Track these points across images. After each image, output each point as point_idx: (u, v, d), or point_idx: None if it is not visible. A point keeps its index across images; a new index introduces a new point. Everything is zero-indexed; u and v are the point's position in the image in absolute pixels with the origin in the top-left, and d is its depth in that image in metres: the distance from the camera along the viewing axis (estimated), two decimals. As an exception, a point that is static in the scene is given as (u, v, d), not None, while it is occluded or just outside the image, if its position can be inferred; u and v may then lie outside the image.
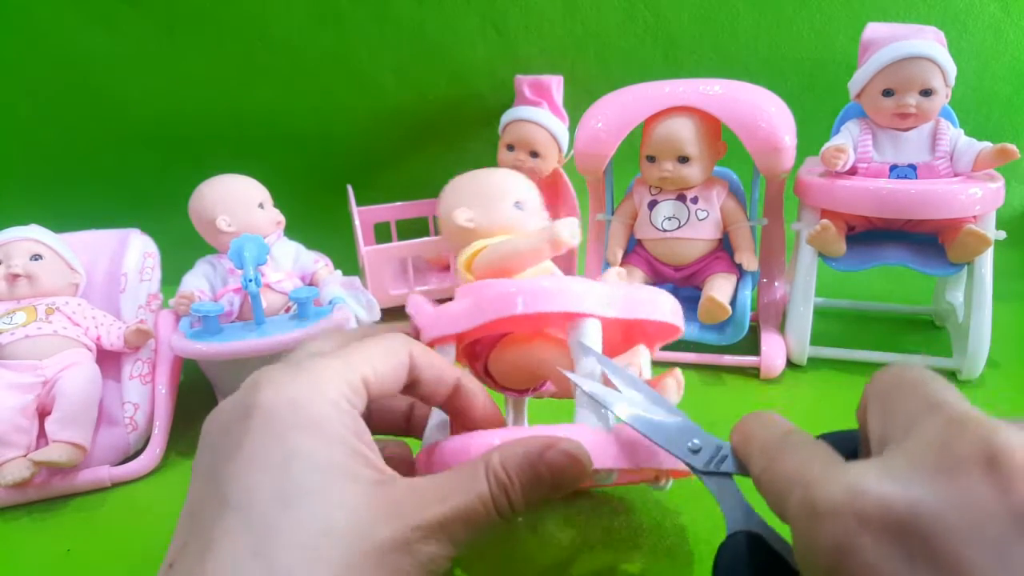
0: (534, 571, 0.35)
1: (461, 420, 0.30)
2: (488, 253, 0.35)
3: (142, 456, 0.47)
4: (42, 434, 0.46)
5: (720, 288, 0.54)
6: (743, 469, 0.25)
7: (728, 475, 0.25)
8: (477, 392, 0.30)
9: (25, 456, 0.44)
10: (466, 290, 0.33)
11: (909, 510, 0.16)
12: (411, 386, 0.28)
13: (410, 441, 0.33)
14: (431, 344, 0.32)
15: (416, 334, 0.32)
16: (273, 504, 0.21)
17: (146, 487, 0.46)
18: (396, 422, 0.33)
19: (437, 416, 0.31)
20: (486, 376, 0.35)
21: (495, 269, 0.34)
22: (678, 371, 0.31)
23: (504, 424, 0.30)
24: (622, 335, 0.34)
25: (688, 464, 0.26)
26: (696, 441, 0.26)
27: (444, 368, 0.29)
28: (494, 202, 0.37)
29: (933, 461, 0.16)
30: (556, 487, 0.25)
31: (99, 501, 0.45)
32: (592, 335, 0.29)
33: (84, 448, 0.45)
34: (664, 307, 0.32)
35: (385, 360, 0.27)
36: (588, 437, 0.26)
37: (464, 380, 0.29)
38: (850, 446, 0.23)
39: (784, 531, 0.22)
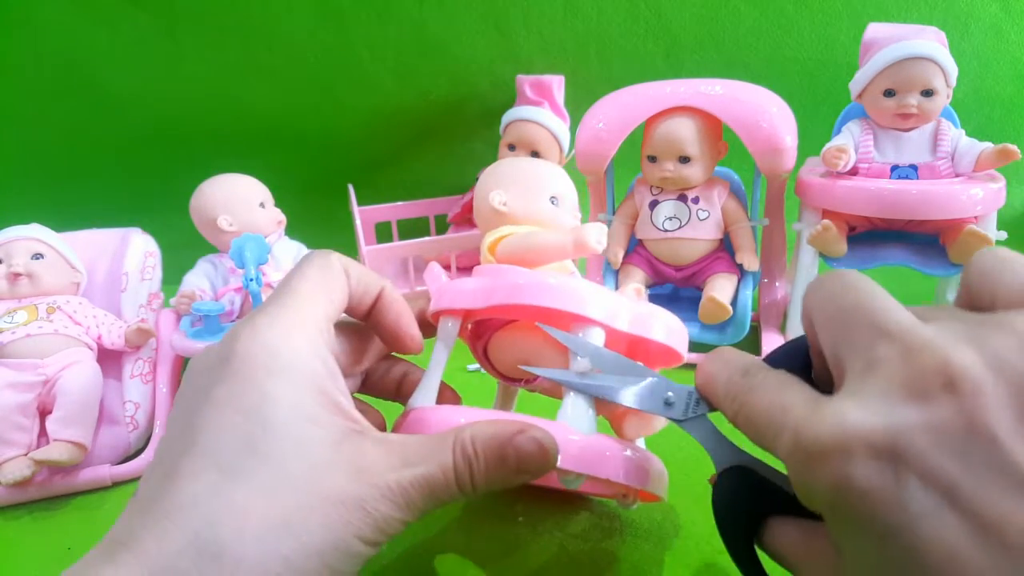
0: (533, 569, 0.35)
1: (382, 335, 0.31)
2: (514, 240, 0.35)
3: (143, 455, 0.47)
4: (43, 433, 0.46)
5: (721, 288, 0.54)
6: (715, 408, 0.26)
7: (703, 416, 0.26)
8: (397, 304, 0.31)
9: (26, 455, 0.44)
10: (483, 270, 0.33)
11: (891, 438, 0.18)
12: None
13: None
14: (437, 314, 0.32)
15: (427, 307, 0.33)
16: (239, 446, 0.22)
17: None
18: (388, 389, 0.34)
19: (423, 384, 0.32)
20: (484, 359, 0.35)
21: (517, 257, 0.34)
22: (655, 424, 0.32)
23: (420, 345, 0.32)
24: (625, 351, 0.34)
25: (668, 417, 0.27)
26: (670, 394, 0.27)
27: (369, 279, 0.30)
28: (531, 192, 0.37)
29: (901, 390, 0.18)
30: (519, 472, 0.25)
31: (100, 500, 0.45)
32: (595, 343, 0.29)
33: (85, 447, 0.45)
34: (672, 331, 0.32)
35: (338, 287, 0.28)
36: (560, 434, 0.26)
37: (386, 291, 0.30)
38: (801, 359, 0.24)
39: (768, 458, 0.23)
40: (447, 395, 0.34)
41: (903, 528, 0.17)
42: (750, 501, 0.24)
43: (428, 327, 0.34)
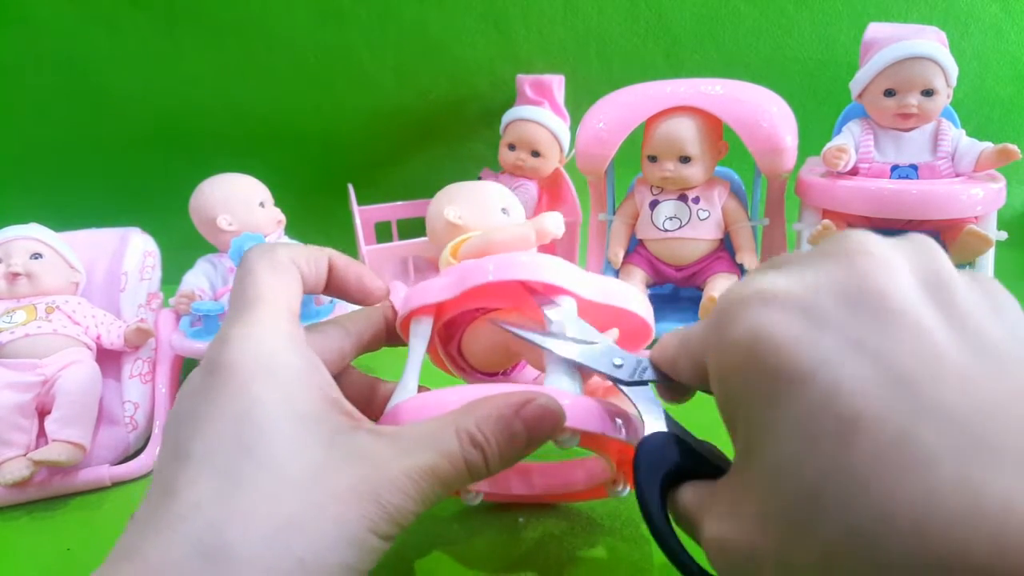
0: (533, 569, 0.35)
1: (348, 296, 0.32)
2: (476, 240, 0.36)
3: (142, 455, 0.47)
4: (42, 433, 0.46)
5: (722, 288, 0.54)
6: (664, 379, 0.27)
7: (646, 383, 0.27)
8: (351, 266, 0.31)
9: (25, 455, 0.44)
10: (448, 271, 0.33)
11: (802, 292, 0.19)
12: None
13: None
14: (408, 318, 0.32)
15: (394, 316, 0.33)
16: (235, 452, 0.22)
17: (146, 487, 0.45)
18: (355, 403, 0.33)
19: (402, 385, 0.31)
20: (459, 358, 0.35)
21: (481, 253, 0.35)
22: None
23: (387, 290, 0.32)
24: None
25: (612, 377, 0.28)
26: (618, 360, 0.28)
27: (315, 255, 0.30)
28: (483, 204, 0.39)
29: (810, 260, 0.20)
30: (531, 443, 0.25)
31: (99, 500, 0.45)
32: (568, 313, 0.30)
33: (84, 447, 0.45)
34: (639, 301, 0.33)
35: (292, 279, 0.28)
36: (559, 396, 0.26)
37: (335, 259, 0.31)
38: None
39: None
40: None
41: (816, 373, 0.17)
42: (671, 465, 0.25)
43: (394, 338, 0.34)
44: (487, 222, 0.38)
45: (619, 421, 0.28)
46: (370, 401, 0.33)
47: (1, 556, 0.40)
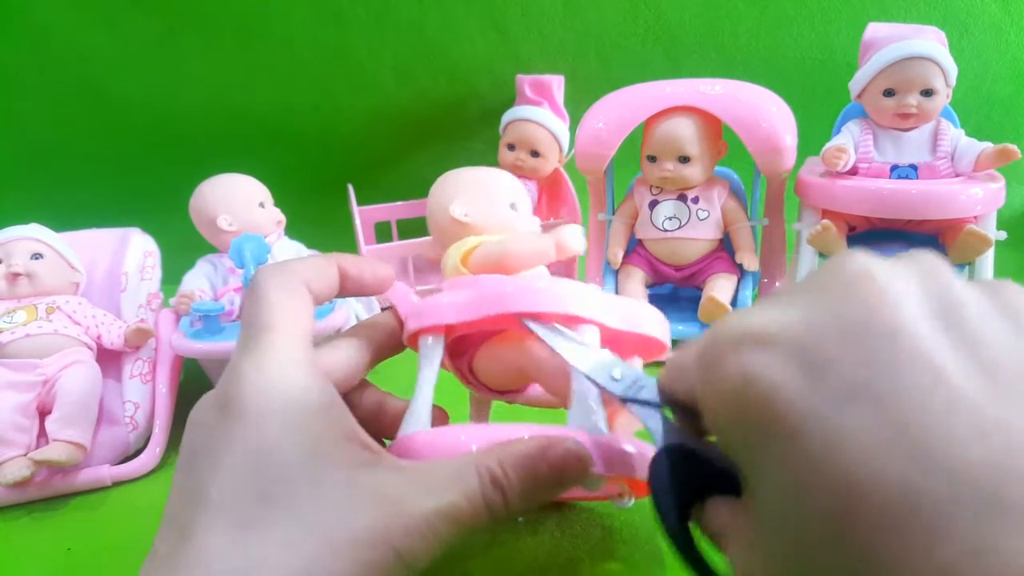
0: (533, 568, 0.35)
1: (362, 292, 0.31)
2: (490, 248, 0.34)
3: (142, 455, 0.47)
4: (42, 433, 0.46)
5: (721, 288, 0.54)
6: (668, 399, 0.25)
7: (644, 402, 0.26)
8: (360, 263, 0.30)
9: (25, 455, 0.44)
10: (460, 282, 0.32)
11: (793, 330, 0.17)
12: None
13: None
14: (417, 334, 0.31)
15: (399, 323, 0.31)
16: (252, 498, 0.21)
17: (146, 486, 0.46)
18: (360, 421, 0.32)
19: (412, 409, 0.29)
20: (469, 374, 0.34)
21: (494, 265, 0.34)
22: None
23: (393, 276, 0.32)
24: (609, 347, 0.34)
25: (610, 391, 0.27)
26: (617, 373, 0.27)
27: (325, 268, 0.29)
28: (491, 200, 0.36)
29: (804, 295, 0.18)
30: (556, 486, 0.24)
31: (99, 500, 0.45)
32: (591, 342, 0.29)
33: (84, 447, 0.45)
34: (661, 325, 0.32)
35: (304, 303, 0.27)
36: (586, 440, 0.26)
37: (344, 263, 0.30)
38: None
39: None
40: (438, 417, 0.31)
41: (811, 425, 0.16)
42: (687, 479, 0.24)
43: (392, 349, 0.32)
44: (495, 219, 0.36)
45: (641, 456, 0.27)
46: (379, 418, 0.31)
47: (2, 556, 0.40)
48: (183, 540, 0.21)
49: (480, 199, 0.36)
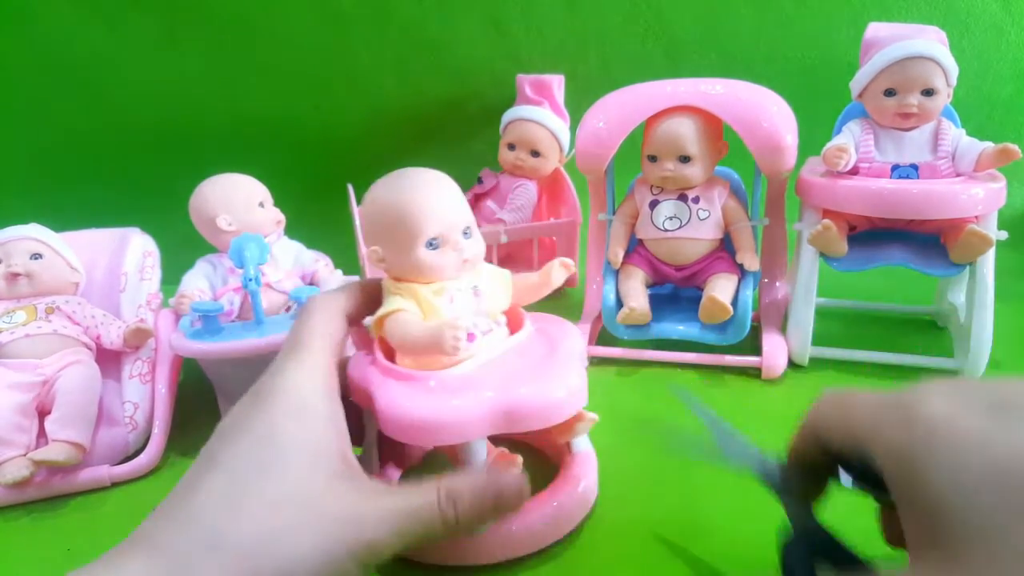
0: (533, 568, 0.35)
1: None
2: (395, 330, 0.33)
3: (142, 455, 0.47)
4: (42, 433, 0.46)
5: (722, 288, 0.54)
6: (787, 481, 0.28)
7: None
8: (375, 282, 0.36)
9: (25, 455, 0.44)
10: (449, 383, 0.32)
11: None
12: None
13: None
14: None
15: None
16: (252, 466, 0.26)
17: (146, 486, 0.46)
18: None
19: None
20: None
21: (398, 346, 0.34)
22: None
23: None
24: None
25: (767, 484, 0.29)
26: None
27: (358, 296, 0.35)
28: (408, 241, 0.33)
29: None
30: (499, 511, 0.29)
31: (99, 500, 0.44)
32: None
33: (84, 447, 0.45)
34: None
35: (339, 328, 0.33)
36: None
37: (367, 285, 0.36)
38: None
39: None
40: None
41: None
42: (815, 558, 0.26)
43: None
44: (410, 264, 0.33)
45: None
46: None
47: (1, 556, 0.40)
48: (188, 491, 0.25)
49: (396, 242, 0.34)
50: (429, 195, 0.33)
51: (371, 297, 0.35)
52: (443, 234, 0.33)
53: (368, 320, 0.35)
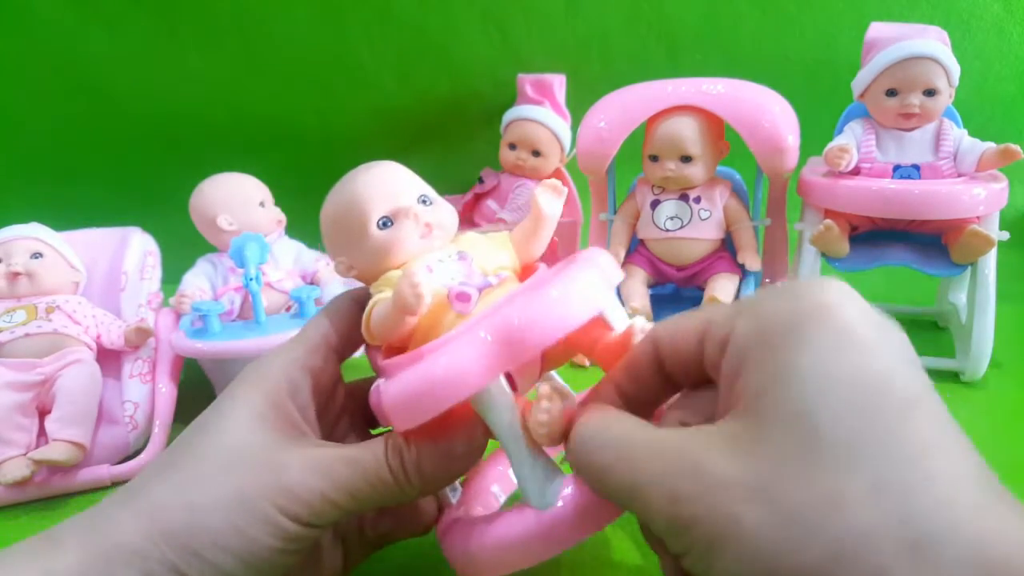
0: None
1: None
2: (374, 323, 0.29)
3: (142, 455, 0.47)
4: (42, 433, 0.46)
5: (723, 288, 0.54)
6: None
7: None
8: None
9: (25, 455, 0.44)
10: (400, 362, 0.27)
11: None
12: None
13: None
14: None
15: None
16: (196, 428, 0.26)
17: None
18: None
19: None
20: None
21: (384, 336, 0.29)
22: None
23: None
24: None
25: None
26: None
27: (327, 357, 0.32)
28: (360, 229, 0.30)
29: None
30: (451, 471, 0.27)
31: (99, 500, 0.44)
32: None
33: (84, 447, 0.45)
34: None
35: (346, 316, 0.31)
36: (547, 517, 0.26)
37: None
38: None
39: None
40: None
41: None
42: None
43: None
44: (367, 257, 0.31)
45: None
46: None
47: (1, 556, 0.40)
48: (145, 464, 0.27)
49: (348, 240, 0.31)
50: (367, 179, 0.31)
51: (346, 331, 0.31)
52: (392, 209, 0.30)
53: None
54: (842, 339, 0.19)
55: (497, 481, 0.35)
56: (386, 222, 0.30)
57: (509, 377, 0.28)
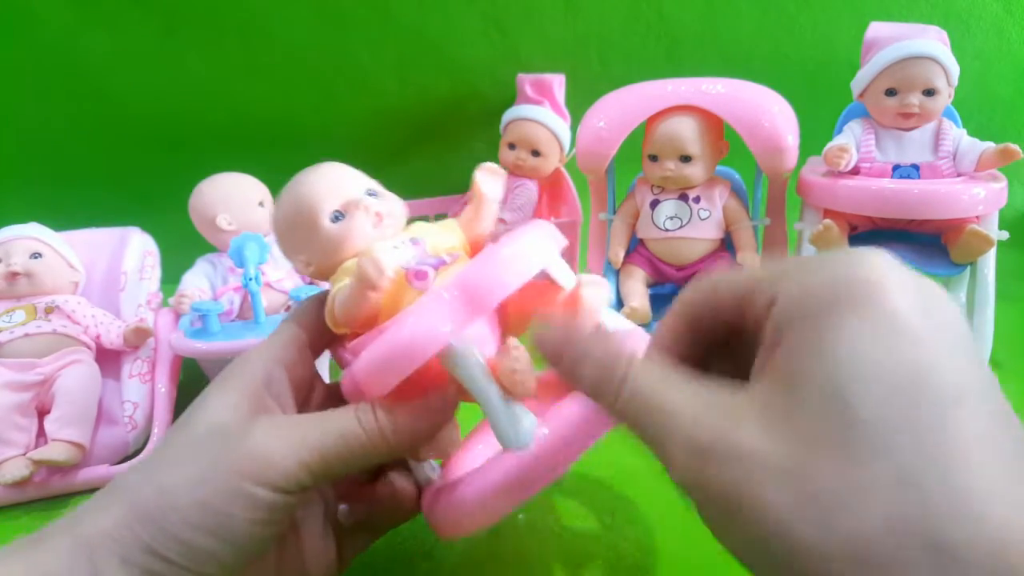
0: (533, 568, 0.35)
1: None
2: (338, 308, 0.29)
3: (141, 455, 0.47)
4: (41, 433, 0.46)
5: (722, 288, 0.54)
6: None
7: None
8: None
9: (24, 455, 0.44)
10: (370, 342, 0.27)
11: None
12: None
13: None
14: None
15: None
16: (175, 425, 0.27)
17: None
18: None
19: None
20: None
21: (349, 320, 0.29)
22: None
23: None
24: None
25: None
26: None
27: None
28: (312, 225, 0.30)
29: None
30: (426, 427, 0.28)
31: (98, 500, 0.44)
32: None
33: (83, 447, 0.45)
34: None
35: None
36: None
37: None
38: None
39: None
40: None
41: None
42: None
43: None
44: (330, 258, 0.31)
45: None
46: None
47: (0, 556, 0.40)
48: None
49: (317, 245, 0.31)
50: (314, 178, 0.32)
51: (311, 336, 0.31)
52: (343, 203, 0.31)
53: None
54: (886, 324, 0.18)
55: (476, 459, 0.34)
56: (338, 216, 0.31)
57: None
